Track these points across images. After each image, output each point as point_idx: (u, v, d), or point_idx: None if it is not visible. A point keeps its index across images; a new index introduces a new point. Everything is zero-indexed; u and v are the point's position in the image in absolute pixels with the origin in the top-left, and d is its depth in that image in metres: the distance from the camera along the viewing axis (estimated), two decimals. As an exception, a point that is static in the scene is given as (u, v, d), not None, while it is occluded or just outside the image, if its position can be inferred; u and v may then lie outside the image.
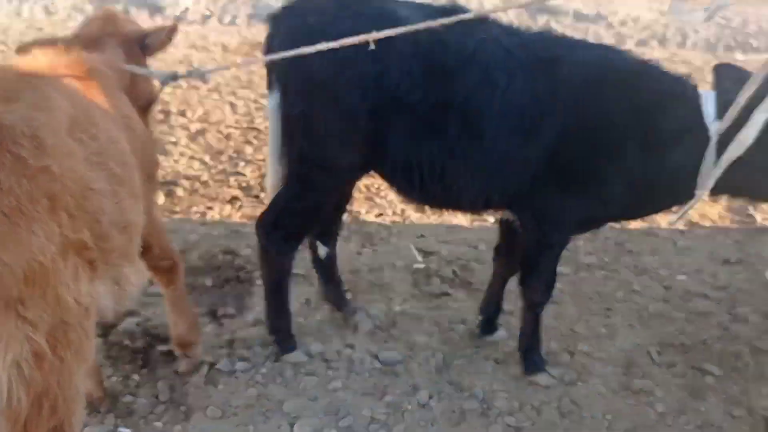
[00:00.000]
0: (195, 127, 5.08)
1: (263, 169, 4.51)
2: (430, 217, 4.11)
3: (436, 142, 2.43)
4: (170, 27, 2.62)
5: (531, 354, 2.81)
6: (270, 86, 2.62)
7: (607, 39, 8.79)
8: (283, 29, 2.51)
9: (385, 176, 2.69)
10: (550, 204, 2.46)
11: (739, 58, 7.76)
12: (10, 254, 1.42)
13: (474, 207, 2.71)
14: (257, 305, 3.14)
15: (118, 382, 2.62)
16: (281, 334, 2.84)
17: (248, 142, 4.90)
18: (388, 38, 2.24)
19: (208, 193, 4.12)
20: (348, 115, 2.45)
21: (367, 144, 2.50)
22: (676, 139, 2.25)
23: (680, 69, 7.58)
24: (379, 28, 2.17)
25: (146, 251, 2.24)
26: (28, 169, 1.49)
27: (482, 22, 2.44)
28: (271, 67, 2.60)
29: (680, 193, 2.34)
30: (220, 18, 9.02)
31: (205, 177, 4.31)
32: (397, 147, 2.48)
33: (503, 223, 2.84)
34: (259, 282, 3.31)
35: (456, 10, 2.41)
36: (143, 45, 2.56)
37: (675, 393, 2.78)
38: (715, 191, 2.33)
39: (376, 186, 4.36)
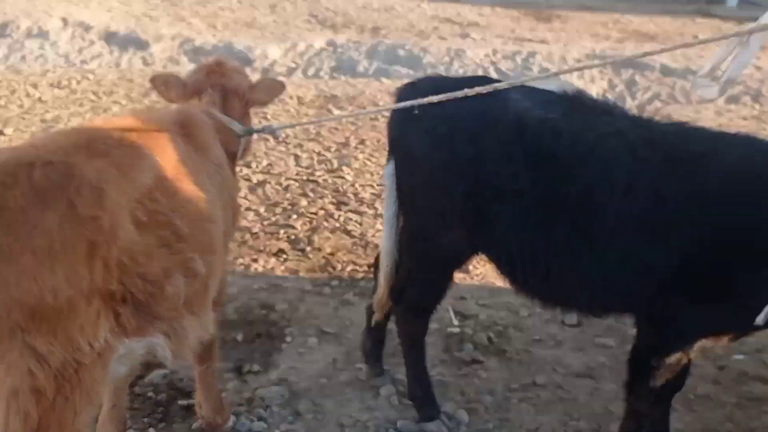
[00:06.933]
0: (257, 178, 5.24)
1: (314, 222, 4.58)
2: (473, 278, 4.02)
3: (539, 237, 2.29)
4: (278, 86, 2.73)
5: None
6: (388, 153, 2.72)
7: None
8: (399, 102, 2.52)
9: (493, 261, 2.62)
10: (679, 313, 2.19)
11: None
12: (21, 287, 1.56)
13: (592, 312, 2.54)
14: (284, 362, 3.16)
15: (134, 435, 2.67)
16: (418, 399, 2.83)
17: (304, 195, 5.00)
18: (486, 121, 2.26)
19: (256, 245, 4.22)
20: (444, 194, 2.43)
21: (466, 225, 2.45)
22: None
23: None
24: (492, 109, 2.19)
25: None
26: (75, 216, 1.64)
27: (607, 112, 2.28)
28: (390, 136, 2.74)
29: None
30: (304, 71, 9.33)
31: (256, 228, 4.42)
32: (498, 234, 2.39)
33: None
34: (290, 338, 3.35)
35: (579, 98, 2.32)
36: (247, 97, 2.68)
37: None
38: None
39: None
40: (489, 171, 2.27)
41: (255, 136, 2.80)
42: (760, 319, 1.95)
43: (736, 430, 2.86)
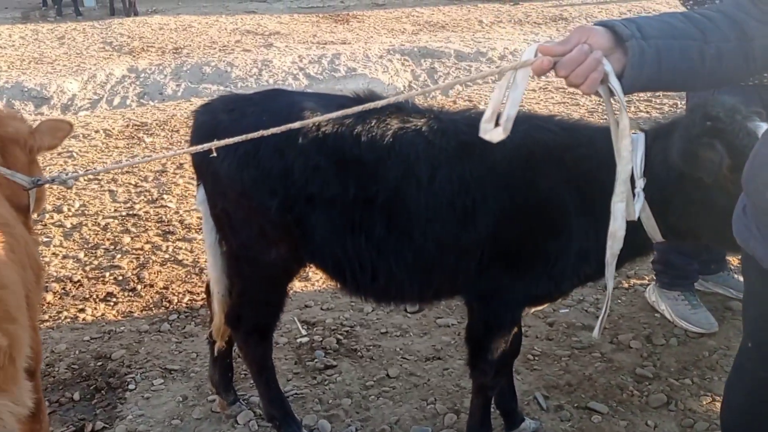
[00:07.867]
0: (71, 222, 4.88)
1: (141, 258, 4.35)
2: (314, 284, 4.03)
3: (360, 239, 2.31)
4: (64, 127, 2.53)
5: None
6: (197, 179, 2.62)
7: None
8: (195, 126, 2.52)
9: (321, 270, 2.62)
10: (500, 287, 2.32)
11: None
12: None
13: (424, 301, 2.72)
14: (131, 412, 2.97)
15: None
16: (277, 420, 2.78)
17: (127, 231, 4.73)
18: (288, 134, 2.13)
19: (80, 294, 3.93)
20: (260, 211, 2.38)
21: (288, 239, 2.41)
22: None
23: (556, 95, 7.83)
24: (288, 122, 2.08)
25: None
26: None
27: (399, 109, 2.30)
28: (194, 161, 2.61)
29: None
30: (109, 101, 8.81)
31: (77, 276, 4.11)
32: (320, 243, 2.38)
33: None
34: (133, 385, 3.15)
35: (371, 99, 2.24)
36: (30, 144, 2.45)
37: (561, 438, 2.76)
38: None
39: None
40: (299, 182, 2.28)
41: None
42: (595, 333, 2.04)
43: (573, 379, 3.11)
